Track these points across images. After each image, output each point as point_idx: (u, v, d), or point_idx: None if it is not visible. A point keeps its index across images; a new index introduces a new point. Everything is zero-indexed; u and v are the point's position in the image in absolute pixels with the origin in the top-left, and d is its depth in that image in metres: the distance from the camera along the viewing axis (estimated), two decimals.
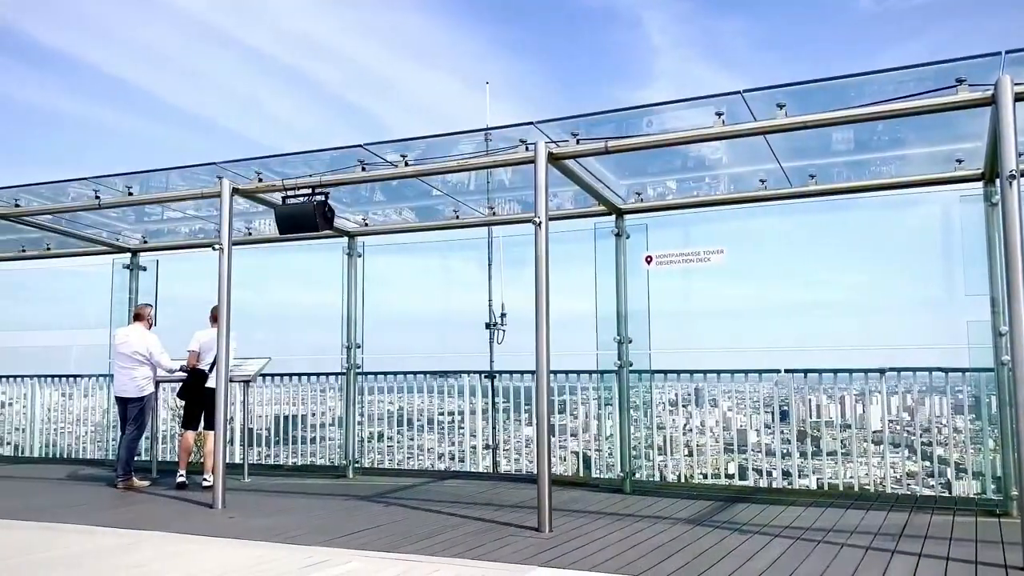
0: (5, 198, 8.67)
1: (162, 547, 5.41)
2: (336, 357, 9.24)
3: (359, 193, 8.37)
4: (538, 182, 6.03)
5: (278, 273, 10.20)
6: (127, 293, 10.13)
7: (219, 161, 7.56)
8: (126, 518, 6.50)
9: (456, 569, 4.73)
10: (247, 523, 6.26)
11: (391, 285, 9.72)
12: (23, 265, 10.95)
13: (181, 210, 9.03)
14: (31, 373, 11.50)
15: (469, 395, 9.14)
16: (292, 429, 10.05)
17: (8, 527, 6.15)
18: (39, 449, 11.31)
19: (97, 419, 10.98)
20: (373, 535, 5.74)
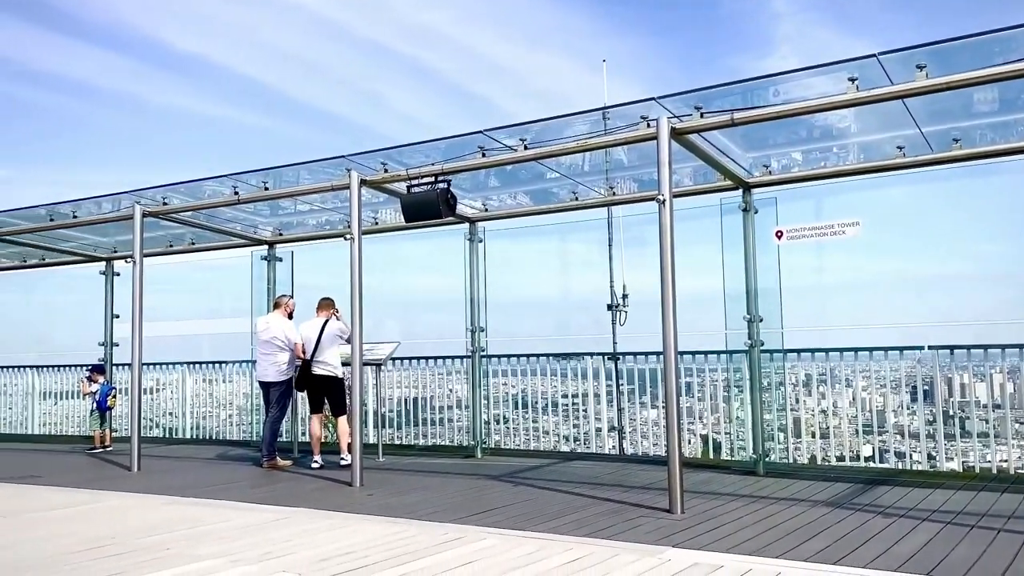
0: (154, 197, 9.31)
1: (310, 522, 5.70)
2: (460, 341, 9.46)
3: (478, 179, 8.50)
4: (661, 159, 5.94)
5: (404, 260, 10.51)
6: (265, 283, 10.68)
7: (347, 154, 7.84)
8: (274, 495, 6.90)
9: (589, 548, 4.76)
10: (385, 500, 6.52)
11: (512, 269, 9.82)
12: (169, 260, 11.70)
13: (309, 202, 9.42)
14: (179, 360, 12.32)
15: (592, 377, 9.13)
16: (419, 411, 10.35)
17: (174, 503, 6.65)
18: (190, 431, 12.11)
19: (240, 403, 11.66)
20: (505, 513, 5.85)
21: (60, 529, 5.66)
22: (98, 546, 5.07)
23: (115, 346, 12.10)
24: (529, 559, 4.53)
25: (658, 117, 6.06)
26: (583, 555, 4.60)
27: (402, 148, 7.76)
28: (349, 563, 4.49)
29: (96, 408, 10.94)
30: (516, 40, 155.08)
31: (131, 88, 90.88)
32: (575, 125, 6.97)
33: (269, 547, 4.93)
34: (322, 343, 8.50)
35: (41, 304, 14.31)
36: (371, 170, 7.83)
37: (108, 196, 9.85)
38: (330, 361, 8.53)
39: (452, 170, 7.21)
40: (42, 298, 14.20)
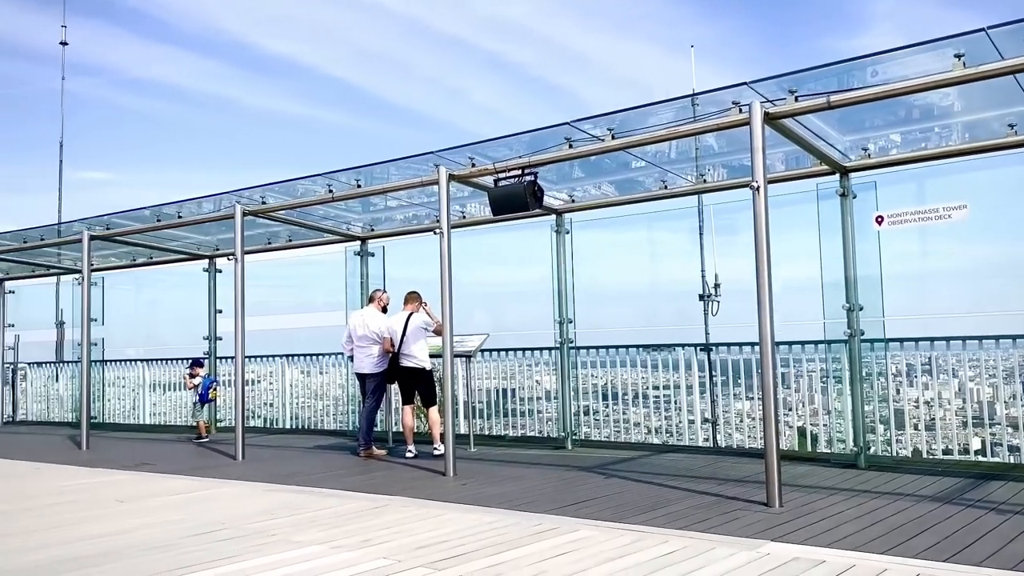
0: (252, 196, 9.68)
1: (406, 510, 5.84)
2: (547, 332, 9.49)
3: (564, 170, 8.49)
4: (754, 144, 5.80)
5: (491, 253, 10.60)
6: (358, 278, 10.97)
7: (435, 150, 7.96)
8: (371, 484, 7.09)
9: (685, 541, 4.72)
10: (478, 490, 6.61)
11: (599, 259, 9.77)
12: (266, 256, 12.12)
13: (399, 198, 9.60)
14: (277, 353, 12.75)
15: (684, 368, 9.01)
16: (507, 402, 10.44)
17: (278, 491, 6.92)
18: (289, 421, 12.55)
19: (337, 394, 12.01)
20: (598, 505, 5.86)
21: (175, 515, 5.97)
22: (210, 531, 5.33)
23: (218, 340, 12.65)
24: (625, 550, 4.52)
25: (750, 102, 5.92)
26: (679, 547, 4.56)
27: (488, 142, 7.84)
28: (446, 551, 4.58)
29: (199, 400, 11.48)
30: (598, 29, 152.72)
31: (224, 91, 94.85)
32: (660, 113, 6.88)
33: (368, 534, 5.07)
34: (407, 336, 8.67)
35: (149, 301, 15.11)
36: (459, 165, 7.93)
37: (210, 196, 10.29)
38: (416, 353, 8.69)
39: (538, 162, 7.23)
40: (150, 295, 14.99)
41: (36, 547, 5.03)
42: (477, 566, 4.27)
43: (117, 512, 6.17)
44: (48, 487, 7.57)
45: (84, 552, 4.83)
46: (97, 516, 6.02)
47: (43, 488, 7.53)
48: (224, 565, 4.43)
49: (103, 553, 4.80)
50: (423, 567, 4.26)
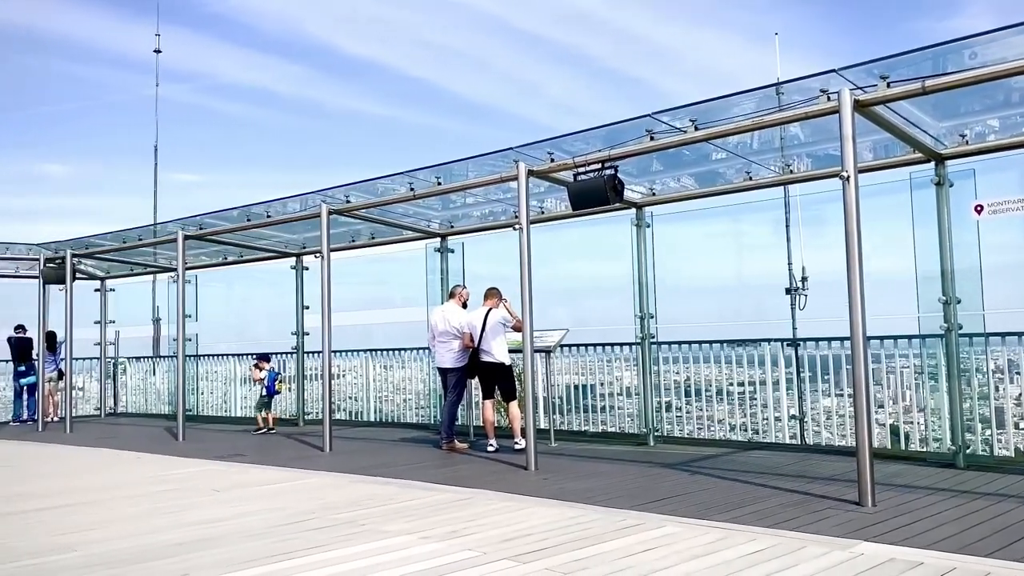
0: (337, 196, 9.92)
1: (490, 503, 5.91)
2: (626, 327, 9.42)
3: (644, 163, 8.41)
4: (844, 133, 5.63)
5: (570, 247, 10.59)
6: (439, 274, 11.12)
7: (514, 146, 7.99)
8: (454, 476, 7.19)
9: (773, 539, 4.63)
10: (560, 485, 6.63)
11: (681, 253, 9.65)
12: (349, 254, 12.42)
13: (478, 195, 9.69)
14: (360, 348, 13.03)
15: (771, 364, 8.80)
16: (586, 398, 10.42)
17: (365, 482, 7.10)
18: (373, 415, 12.83)
19: (419, 388, 12.21)
20: (683, 502, 5.80)
21: (268, 504, 6.19)
22: (302, 520, 5.51)
23: (305, 335, 13.02)
24: (711, 547, 4.47)
25: (839, 89, 5.74)
26: (768, 545, 4.48)
27: (566, 137, 7.83)
28: (530, 545, 4.62)
29: (265, 393, 11.90)
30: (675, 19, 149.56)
31: (308, 94, 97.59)
32: (742, 103, 6.74)
33: (454, 526, 5.15)
34: (487, 332, 8.73)
35: (240, 297, 15.68)
36: (537, 160, 7.94)
37: (296, 196, 10.60)
38: (495, 349, 8.73)
39: (619, 155, 7.18)
40: (241, 292, 15.55)
41: (143, 532, 5.29)
42: (562, 560, 4.29)
43: (214, 501, 6.44)
44: (150, 476, 7.94)
45: (186, 538, 5.06)
46: (196, 504, 6.30)
47: (145, 477, 7.91)
48: (317, 553, 4.57)
49: (203, 539, 5.01)
50: (508, 559, 4.31)
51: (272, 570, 4.25)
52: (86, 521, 5.72)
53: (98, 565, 4.47)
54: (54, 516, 5.94)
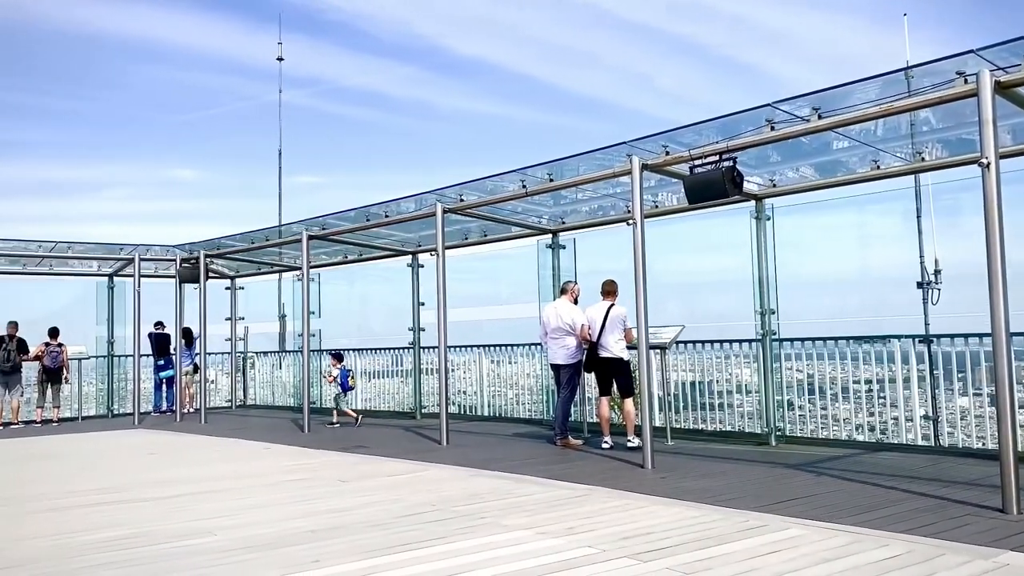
0: (451, 195, 10.10)
1: (606, 500, 5.89)
2: (744, 324, 9.16)
3: (763, 154, 8.16)
4: (983, 117, 5.28)
5: (684, 242, 10.41)
6: (550, 270, 11.15)
7: (626, 140, 7.92)
8: (570, 473, 7.20)
9: (908, 545, 4.41)
10: (678, 484, 6.53)
11: (803, 246, 9.31)
12: (462, 251, 12.62)
13: (590, 190, 9.65)
14: (471, 344, 13.22)
15: (900, 361, 8.35)
16: (701, 395, 10.20)
17: (483, 475, 7.21)
18: (486, 410, 13.00)
19: (530, 384, 12.29)
20: (808, 504, 5.60)
21: (391, 495, 6.38)
22: (422, 512, 5.65)
23: (422, 331, 13.33)
24: (841, 552, 4.30)
25: (977, 71, 5.39)
26: (902, 552, 4.27)
27: (680, 129, 7.69)
28: (650, 543, 4.57)
29: (341, 389, 12.42)
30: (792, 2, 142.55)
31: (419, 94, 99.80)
32: (867, 89, 6.43)
33: (572, 522, 5.16)
34: (606, 327, 8.68)
35: (359, 295, 16.24)
36: (650, 154, 7.84)
37: (412, 196, 10.87)
38: (613, 345, 8.68)
39: (737, 147, 6.99)
40: (360, 289, 16.11)
41: (277, 519, 5.56)
42: (684, 559, 4.22)
43: (340, 491, 6.69)
44: (279, 466, 8.34)
45: (316, 526, 5.29)
46: (324, 494, 6.57)
47: (276, 466, 8.31)
48: (437, 545, 4.68)
49: (332, 527, 5.23)
50: (628, 557, 4.28)
51: (396, 560, 4.38)
52: (224, 507, 6.07)
53: (237, 549, 4.73)
54: (195, 502, 6.33)
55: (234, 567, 4.33)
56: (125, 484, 7.31)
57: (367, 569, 4.22)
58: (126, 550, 4.79)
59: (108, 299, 15.75)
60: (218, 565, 4.38)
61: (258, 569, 4.27)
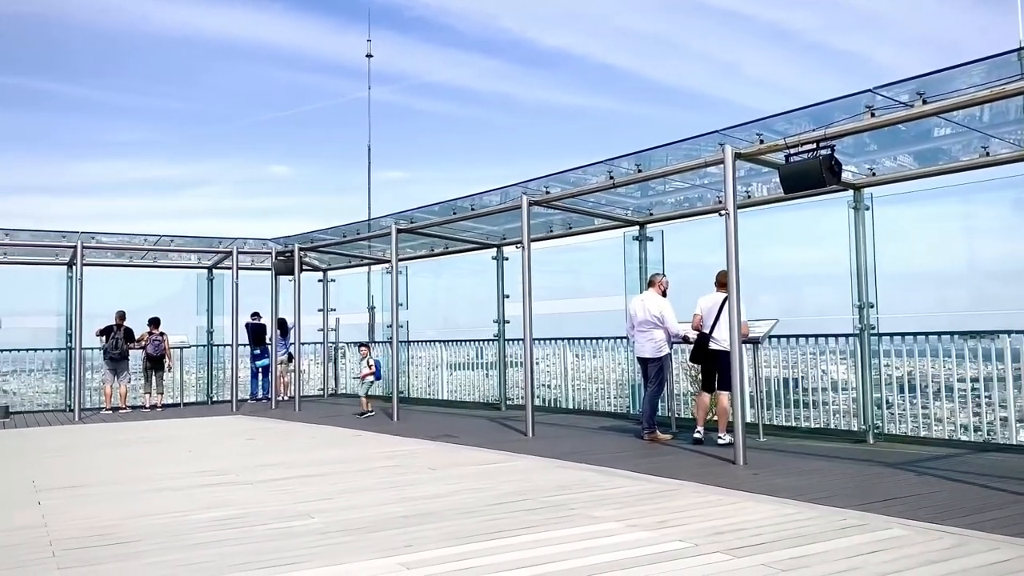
0: (537, 187, 10.13)
1: (697, 496, 5.81)
2: (842, 317, 8.86)
3: (861, 142, 7.87)
4: None
5: (776, 233, 10.14)
6: (637, 263, 11.04)
7: (718, 129, 7.77)
8: (659, 467, 7.13)
9: (1020, 550, 4.19)
10: (771, 481, 6.39)
11: (902, 237, 8.93)
12: (546, 244, 12.60)
13: (679, 181, 9.51)
14: (555, 336, 13.20)
15: (1010, 359, 7.91)
16: (794, 391, 9.92)
17: (570, 467, 7.22)
18: (571, 403, 12.98)
19: (616, 377, 12.21)
20: (910, 504, 5.39)
21: (479, 484, 6.46)
22: (512, 501, 5.70)
23: (506, 323, 13.42)
24: (947, 554, 4.13)
25: None
26: (1013, 556, 4.08)
27: (774, 118, 7.50)
28: (742, 539, 4.49)
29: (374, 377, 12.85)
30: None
31: (505, 88, 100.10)
32: (971, 73, 6.12)
33: (663, 516, 5.12)
34: (720, 319, 8.43)
35: (445, 287, 16.46)
36: (742, 142, 7.67)
37: (497, 189, 10.95)
38: (725, 337, 8.40)
39: (835, 134, 6.77)
40: (446, 282, 16.32)
41: (371, 504, 5.71)
42: (779, 556, 4.14)
43: (431, 478, 6.82)
44: (371, 453, 8.55)
45: (409, 511, 5.40)
46: (414, 481, 6.70)
47: (367, 454, 8.53)
48: (528, 534, 4.72)
49: (424, 513, 5.33)
50: (722, 552, 4.22)
51: (487, 547, 4.44)
52: (320, 491, 6.26)
53: (335, 531, 4.88)
54: (294, 485, 6.56)
55: (331, 549, 4.47)
56: (227, 468, 7.63)
57: (459, 555, 4.29)
58: (231, 529, 5.01)
59: (208, 291, 16.45)
60: (317, 547, 4.53)
61: (354, 552, 4.40)
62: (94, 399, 15.01)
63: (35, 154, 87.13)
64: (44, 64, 77.73)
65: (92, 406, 14.62)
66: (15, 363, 15.62)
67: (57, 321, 15.40)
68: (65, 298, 15.10)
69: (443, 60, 79.66)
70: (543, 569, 3.99)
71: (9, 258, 14.79)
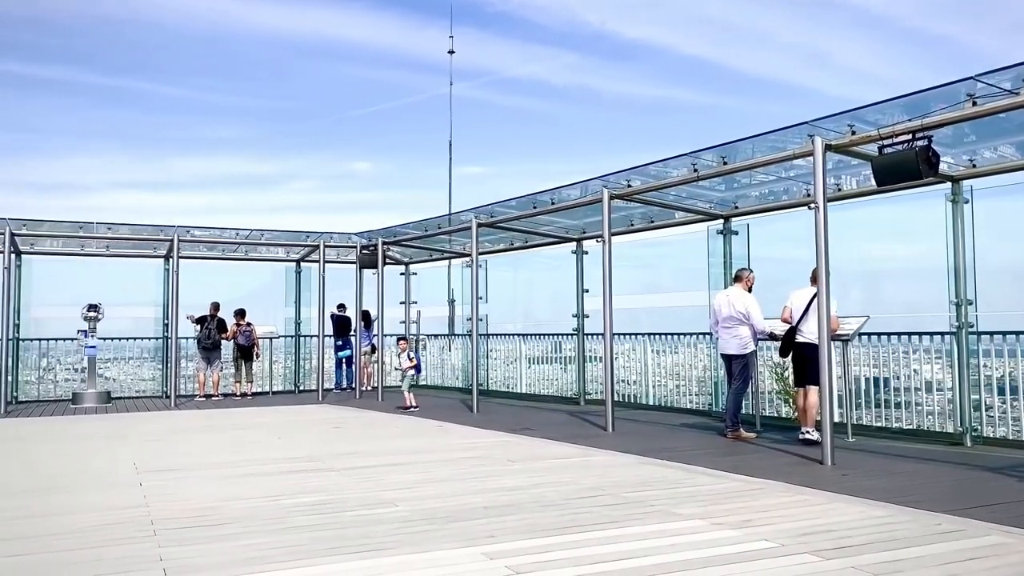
0: (618, 180, 10.06)
1: (783, 495, 5.68)
2: (936, 315, 8.49)
3: (960, 132, 7.53)
4: None
5: (866, 227, 9.79)
6: (720, 257, 10.84)
7: (808, 120, 7.56)
8: (742, 465, 7.00)
9: None
10: (861, 482, 6.19)
11: (1005, 231, 8.50)
12: (625, 238, 12.49)
13: (766, 174, 9.28)
14: (634, 331, 13.07)
15: None
16: (885, 391, 9.56)
17: (650, 464, 7.17)
18: (651, 399, 12.85)
19: (698, 374, 12.02)
20: (1011, 510, 5.15)
21: (559, 477, 6.48)
22: (593, 495, 5.70)
23: (586, 317, 13.38)
24: None
25: None
26: None
27: (866, 108, 7.25)
28: (832, 541, 4.38)
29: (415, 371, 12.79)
30: None
31: (583, 81, 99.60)
32: None
33: (747, 515, 5.03)
34: (809, 313, 8.17)
35: (524, 281, 16.52)
36: (833, 134, 7.44)
37: (577, 183, 10.92)
38: (812, 331, 8.15)
39: (934, 124, 6.49)
40: (525, 276, 16.37)
41: (453, 494, 5.81)
42: (870, 560, 4.02)
43: (510, 470, 6.87)
44: (454, 443, 8.68)
45: (490, 502, 5.47)
46: (494, 472, 6.77)
47: (449, 444, 8.65)
48: (609, 528, 4.71)
49: (505, 505, 5.38)
50: (810, 554, 4.12)
51: (568, 540, 4.45)
52: (404, 480, 6.40)
53: (418, 520, 4.98)
54: (378, 474, 6.72)
55: (416, 536, 4.57)
56: (316, 454, 7.87)
57: (541, 547, 4.32)
58: (322, 514, 5.17)
59: (295, 283, 16.98)
60: (401, 534, 4.64)
61: (438, 540, 4.48)
62: (187, 387, 15.66)
63: (136, 151, 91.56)
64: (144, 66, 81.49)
65: (186, 393, 15.26)
66: (116, 351, 16.45)
67: (154, 311, 16.16)
68: (162, 289, 15.82)
69: (523, 55, 79.88)
70: (626, 564, 3.98)
71: (112, 251, 15.59)
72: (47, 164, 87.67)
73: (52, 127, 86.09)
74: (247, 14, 74.37)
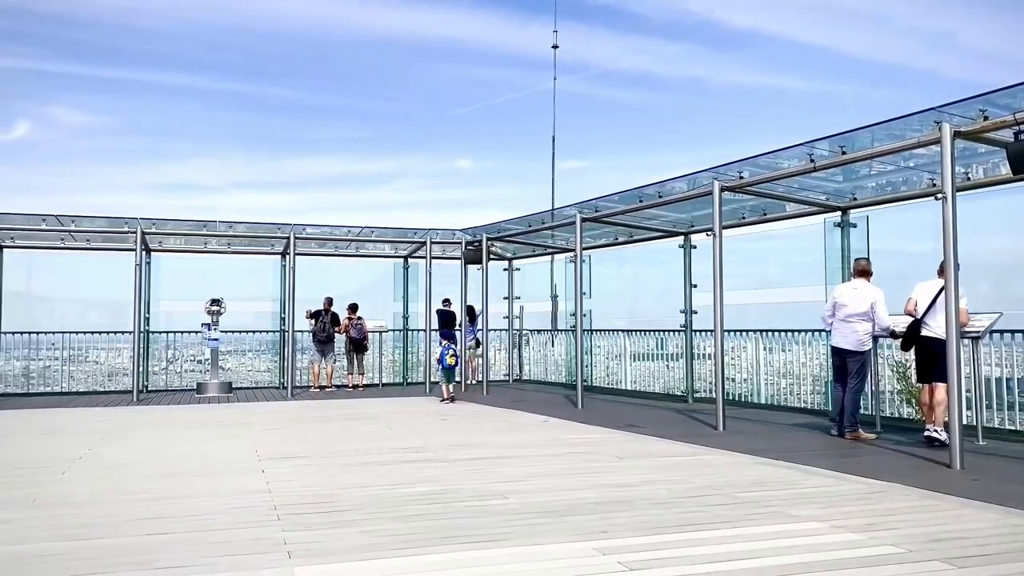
0: (729, 172, 9.81)
1: (908, 499, 5.43)
2: None
3: None
4: None
5: (997, 218, 9.22)
6: (838, 251, 10.41)
7: (934, 107, 7.18)
8: (862, 467, 6.72)
9: None
10: (994, 487, 5.83)
11: None
12: (735, 231, 12.16)
13: (886, 163, 8.86)
14: (745, 328, 12.71)
15: None
16: (1021, 393, 8.95)
17: (764, 463, 6.98)
18: (763, 397, 12.49)
19: (814, 372, 11.60)
20: None
21: (670, 475, 6.39)
22: (705, 495, 5.60)
23: (694, 313, 13.13)
24: None
25: None
26: None
27: (997, 92, 6.82)
28: (965, 549, 4.15)
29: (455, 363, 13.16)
30: None
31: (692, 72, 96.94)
32: None
33: (870, 519, 4.83)
34: (936, 306, 7.80)
35: (630, 276, 16.38)
36: (962, 120, 7.03)
37: (685, 176, 10.72)
38: (939, 325, 7.75)
39: None
40: (631, 271, 16.23)
41: (562, 488, 5.82)
42: (1007, 570, 3.79)
43: (619, 467, 6.83)
44: (559, 438, 8.69)
45: (600, 498, 5.45)
46: (603, 468, 6.74)
47: (555, 439, 8.67)
48: (724, 529, 4.62)
49: (615, 501, 5.35)
50: (941, 561, 3.92)
51: (681, 539, 4.39)
52: (513, 473, 6.46)
53: (529, 512, 5.02)
54: (487, 466, 6.81)
55: (528, 529, 4.60)
56: (425, 446, 8.05)
57: (654, 544, 4.28)
58: (434, 504, 5.28)
59: (403, 279, 17.40)
60: (513, 526, 4.68)
61: (550, 533, 4.49)
62: (302, 378, 16.30)
63: (252, 152, 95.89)
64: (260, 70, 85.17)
65: (300, 384, 15.89)
66: (234, 344, 17.30)
67: (271, 306, 16.90)
68: (278, 284, 16.51)
69: (626, 47, 78.90)
70: (742, 564, 3.89)
71: (232, 248, 16.38)
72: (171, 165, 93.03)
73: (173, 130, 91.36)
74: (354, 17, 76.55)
